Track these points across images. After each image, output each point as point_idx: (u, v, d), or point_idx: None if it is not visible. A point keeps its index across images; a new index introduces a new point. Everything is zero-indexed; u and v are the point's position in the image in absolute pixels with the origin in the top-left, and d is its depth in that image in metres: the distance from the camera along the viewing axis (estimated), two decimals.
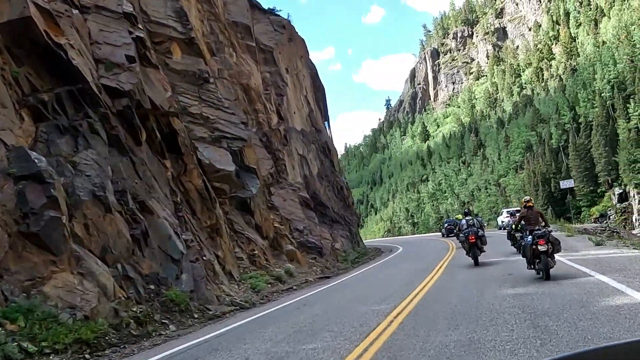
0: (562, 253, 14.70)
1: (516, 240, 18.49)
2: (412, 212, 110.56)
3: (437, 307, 9.46)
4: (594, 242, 17.57)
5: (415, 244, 38.94)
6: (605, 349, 1.43)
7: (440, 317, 8.29)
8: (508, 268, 14.78)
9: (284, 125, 28.98)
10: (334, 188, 30.59)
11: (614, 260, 13.07)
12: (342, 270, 23.34)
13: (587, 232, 27.18)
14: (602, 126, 74.76)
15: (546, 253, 11.20)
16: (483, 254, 17.39)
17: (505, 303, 8.86)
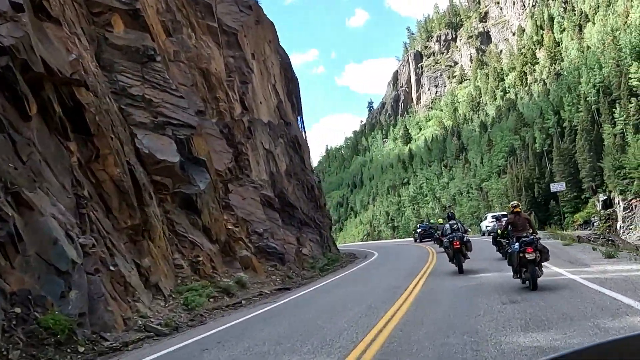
0: (570, 267, 12.03)
1: (502, 245, 18.35)
2: (392, 216, 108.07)
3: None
4: (602, 253, 14.72)
5: (393, 250, 36.36)
6: (597, 346, 1.43)
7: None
8: (499, 279, 12.90)
9: (248, 116, 25.95)
10: (304, 187, 27.63)
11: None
12: (307, 280, 20.39)
13: (583, 240, 24.62)
14: (587, 131, 72.97)
15: (534, 262, 10.57)
16: (467, 260, 16.11)
17: None
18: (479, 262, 17.52)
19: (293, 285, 18.67)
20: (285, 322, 10.09)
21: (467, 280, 13.18)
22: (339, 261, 27.39)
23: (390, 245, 43.56)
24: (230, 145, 25.29)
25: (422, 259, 23.28)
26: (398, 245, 42.48)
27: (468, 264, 16.00)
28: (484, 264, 17.23)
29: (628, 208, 66.09)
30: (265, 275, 19.18)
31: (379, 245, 45.36)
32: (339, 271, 23.62)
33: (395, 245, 42.94)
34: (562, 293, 9.38)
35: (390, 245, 44.11)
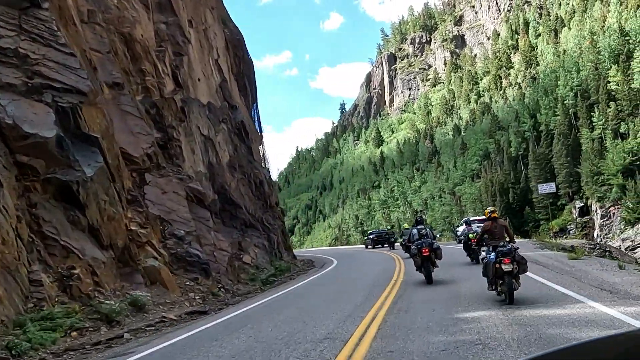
0: (613, 301, 7.77)
1: (472, 250, 18.68)
2: (361, 220, 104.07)
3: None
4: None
5: (357, 258, 32.14)
6: (572, 347, 1.47)
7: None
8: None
9: (182, 95, 21.35)
10: (251, 182, 23.07)
11: None
12: (241, 297, 15.86)
13: (583, 251, 20.68)
14: (564, 135, 70.10)
15: (511, 274, 9.81)
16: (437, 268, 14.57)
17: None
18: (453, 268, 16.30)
19: (216, 306, 14.09)
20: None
21: (450, 326, 8.80)
22: (290, 271, 22.89)
23: (354, 252, 39.35)
24: (158, 129, 20.67)
25: (387, 270, 19.07)
26: (364, 252, 38.26)
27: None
28: (458, 272, 15.75)
29: (606, 216, 63.26)
30: (181, 292, 14.56)
31: (343, 252, 40.89)
32: (287, 284, 19.14)
33: (360, 252, 38.71)
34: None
35: (354, 252, 39.79)
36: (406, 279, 15.11)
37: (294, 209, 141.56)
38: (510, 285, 9.69)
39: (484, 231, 11.40)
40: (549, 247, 20.39)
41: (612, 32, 75.29)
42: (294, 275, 22.21)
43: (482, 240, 11.82)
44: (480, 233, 11.99)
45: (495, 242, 10.55)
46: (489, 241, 11.00)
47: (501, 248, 10.07)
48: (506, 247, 10.07)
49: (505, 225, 11.16)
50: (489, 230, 11.02)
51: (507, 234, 10.89)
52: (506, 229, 10.99)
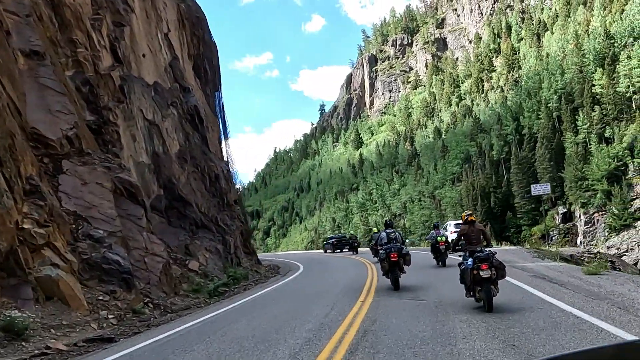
0: None
1: (440, 253, 19.58)
2: (339, 223, 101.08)
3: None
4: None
5: (327, 263, 29.14)
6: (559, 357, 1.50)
7: None
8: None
9: (121, 72, 18.07)
10: (205, 177, 19.77)
11: None
12: (174, 314, 12.63)
13: (577, 260, 17.94)
14: (547, 139, 67.98)
15: (489, 280, 9.36)
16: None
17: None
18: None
19: (132, 329, 10.85)
20: None
21: None
22: (247, 279, 19.65)
23: (326, 258, 36.32)
24: (91, 110, 17.39)
25: (356, 280, 16.07)
26: (335, 258, 35.20)
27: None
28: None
29: (590, 222, 61.13)
30: (89, 310, 11.26)
31: (313, 258, 37.76)
32: (240, 296, 15.96)
33: (332, 258, 35.64)
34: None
35: (327, 258, 36.74)
36: (378, 300, 12.02)
37: (270, 211, 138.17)
38: (489, 291, 9.37)
39: (460, 235, 10.80)
40: (548, 256, 17.57)
41: (597, 35, 73.50)
42: (251, 284, 18.98)
43: (458, 244, 11.10)
44: (456, 237, 11.21)
45: (473, 247, 10.18)
46: (466, 246, 10.49)
47: (479, 253, 9.74)
48: (484, 253, 9.73)
49: (482, 230, 10.74)
50: (466, 234, 10.54)
51: (485, 238, 10.52)
52: (483, 234, 10.62)
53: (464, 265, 10.22)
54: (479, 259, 9.59)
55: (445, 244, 20.39)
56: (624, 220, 54.16)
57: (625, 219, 54.13)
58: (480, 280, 9.48)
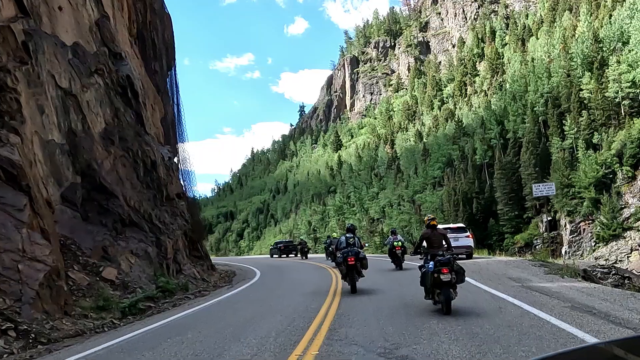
0: None
1: (396, 257, 21.64)
2: (314, 226, 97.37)
3: None
4: None
5: (287, 270, 26.11)
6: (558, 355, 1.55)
7: None
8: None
9: (26, 25, 14.20)
10: (139, 163, 15.76)
11: None
12: (51, 344, 8.83)
13: (591, 276, 14.56)
14: (533, 143, 65.27)
15: (449, 284, 9.64)
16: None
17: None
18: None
19: None
20: None
21: None
22: (187, 289, 15.74)
23: (290, 265, 32.91)
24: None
25: (319, 291, 12.57)
26: (298, 265, 31.78)
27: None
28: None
29: (576, 231, 58.43)
30: None
31: (276, 264, 34.23)
32: (167, 313, 12.20)
33: (295, 265, 32.17)
34: None
35: (291, 264, 33.25)
36: (341, 319, 8.45)
37: (244, 212, 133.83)
38: (448, 295, 9.60)
39: (422, 238, 11.15)
40: (565, 272, 14.11)
41: (585, 39, 71.20)
42: (190, 296, 15.13)
43: (419, 248, 11.37)
44: (418, 241, 11.55)
45: (434, 251, 10.43)
46: (428, 249, 10.77)
47: (440, 257, 9.97)
48: (445, 257, 9.98)
49: (443, 234, 11.09)
50: (428, 238, 10.85)
51: (446, 242, 10.78)
52: (445, 238, 10.90)
53: (425, 268, 10.35)
54: (440, 262, 9.73)
55: (401, 248, 22.22)
56: (613, 230, 51.44)
57: (615, 228, 51.44)
58: (440, 284, 9.63)
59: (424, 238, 10.96)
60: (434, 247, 10.56)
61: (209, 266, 22.06)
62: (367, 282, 15.06)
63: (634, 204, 53.73)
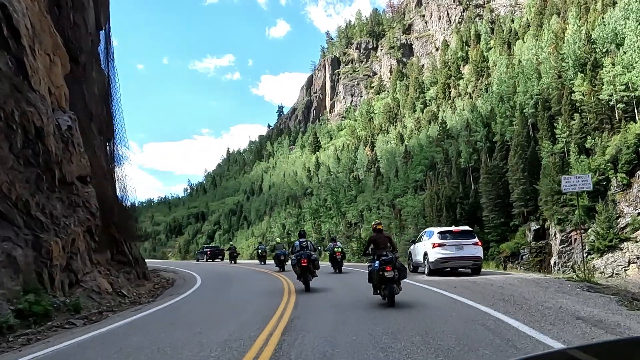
0: None
1: (337, 261, 23.61)
2: (289, 230, 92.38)
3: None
4: None
5: (236, 279, 22.45)
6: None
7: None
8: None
9: None
10: (16, 130, 10.82)
11: None
12: None
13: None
14: (522, 147, 61.40)
15: (392, 280, 11.06)
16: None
17: None
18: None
19: None
20: None
21: None
22: (79, 310, 10.90)
23: (230, 271, 29.14)
24: None
25: (267, 308, 8.07)
26: (250, 273, 27.31)
27: None
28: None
29: (566, 241, 54.50)
30: None
31: (221, 271, 29.98)
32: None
33: (247, 273, 27.83)
34: None
35: (245, 271, 29.16)
36: None
37: (216, 213, 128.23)
38: (392, 289, 10.89)
39: (369, 241, 12.71)
40: (621, 297, 9.65)
41: (577, 40, 67.80)
42: (74, 322, 10.18)
43: (368, 249, 12.77)
44: (366, 243, 13.01)
45: (380, 252, 11.74)
46: (375, 251, 12.10)
47: (384, 257, 11.21)
48: (389, 257, 11.19)
49: (388, 237, 12.73)
50: (375, 240, 12.42)
51: (391, 244, 12.39)
52: (389, 240, 12.57)
53: (372, 267, 11.67)
54: (384, 262, 11.05)
55: (341, 254, 24.52)
56: (609, 240, 47.62)
57: (611, 239, 47.61)
58: (385, 280, 10.98)
59: (372, 241, 12.39)
60: (380, 248, 11.93)
61: (139, 274, 17.19)
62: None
63: (629, 213, 50.12)
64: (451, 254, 18.55)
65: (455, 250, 18.61)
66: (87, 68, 17.72)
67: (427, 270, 19.30)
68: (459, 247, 18.67)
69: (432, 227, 23.22)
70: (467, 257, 18.79)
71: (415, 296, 12.19)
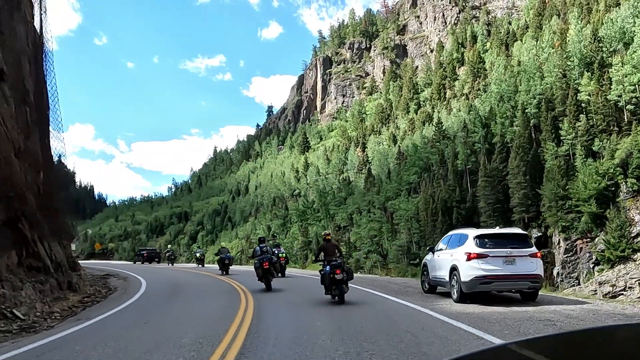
0: None
1: (281, 266, 25.88)
2: (274, 232, 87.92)
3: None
4: None
5: (185, 285, 22.10)
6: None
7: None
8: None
9: None
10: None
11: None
12: None
13: None
14: (523, 149, 57.56)
15: (342, 281, 13.19)
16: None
17: None
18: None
19: None
20: None
21: None
22: None
23: (179, 275, 26.82)
24: None
25: None
26: (203, 278, 26.17)
27: None
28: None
29: (571, 250, 50.60)
30: None
31: (170, 275, 27.71)
32: None
33: (181, 274, 26.95)
34: None
35: (178, 274, 27.15)
36: None
37: (200, 214, 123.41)
38: (342, 289, 13.17)
39: (320, 249, 15.22)
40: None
41: (583, 38, 64.21)
42: None
43: (319, 256, 15.05)
44: (317, 251, 15.41)
45: (329, 258, 14.15)
46: (325, 257, 14.46)
47: (334, 262, 13.50)
48: (338, 262, 13.52)
49: (336, 245, 15.21)
50: (324, 248, 14.90)
51: (338, 251, 14.91)
52: (337, 248, 15.04)
53: (323, 271, 13.88)
54: (334, 266, 13.21)
55: (285, 259, 29.42)
56: (621, 250, 43.74)
57: (623, 249, 43.72)
58: (335, 281, 13.14)
59: (322, 249, 15.08)
60: (329, 254, 14.51)
61: (62, 284, 12.96)
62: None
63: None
64: (497, 270, 13.11)
65: (502, 265, 13.23)
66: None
67: (458, 295, 13.63)
68: (509, 261, 13.31)
69: (463, 229, 16.37)
70: (521, 275, 13.18)
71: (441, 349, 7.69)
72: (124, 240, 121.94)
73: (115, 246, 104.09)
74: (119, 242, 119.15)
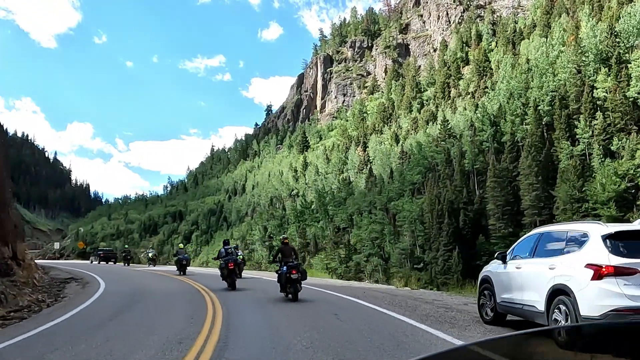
0: None
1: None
2: (270, 233, 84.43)
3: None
4: None
5: (150, 290, 20.00)
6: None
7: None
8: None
9: None
10: None
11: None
12: None
13: None
14: (535, 148, 54.20)
15: (297, 280, 15.05)
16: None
17: None
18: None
19: None
20: None
21: None
22: None
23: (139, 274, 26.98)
24: None
25: None
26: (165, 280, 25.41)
27: None
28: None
29: None
30: None
31: (129, 275, 25.61)
32: None
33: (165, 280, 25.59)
34: None
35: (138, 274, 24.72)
36: None
37: (195, 213, 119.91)
38: (296, 288, 15.11)
39: (277, 251, 16.89)
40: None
41: (599, 33, 60.91)
42: None
43: (277, 257, 16.81)
44: (275, 253, 17.23)
45: (286, 259, 15.89)
46: (282, 258, 16.19)
47: (290, 263, 15.34)
48: (294, 263, 15.39)
49: (293, 248, 17.04)
50: (282, 250, 16.51)
51: (294, 253, 16.62)
52: (294, 250, 16.79)
53: (280, 271, 15.70)
54: (290, 267, 15.11)
55: (242, 261, 30.10)
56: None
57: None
58: (291, 281, 14.99)
59: (280, 251, 16.66)
60: (286, 256, 16.14)
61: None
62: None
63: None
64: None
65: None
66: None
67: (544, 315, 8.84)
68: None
69: (576, 223, 9.88)
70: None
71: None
72: (116, 239, 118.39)
73: (106, 245, 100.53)
74: (111, 241, 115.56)
